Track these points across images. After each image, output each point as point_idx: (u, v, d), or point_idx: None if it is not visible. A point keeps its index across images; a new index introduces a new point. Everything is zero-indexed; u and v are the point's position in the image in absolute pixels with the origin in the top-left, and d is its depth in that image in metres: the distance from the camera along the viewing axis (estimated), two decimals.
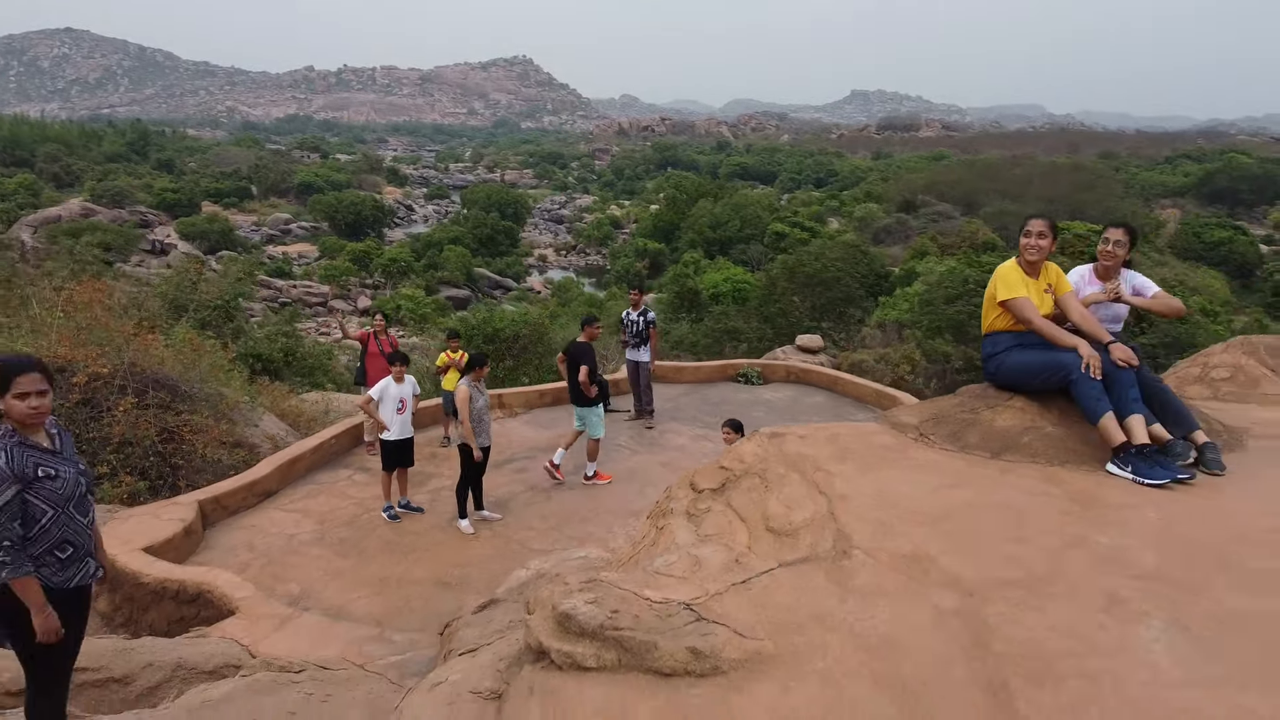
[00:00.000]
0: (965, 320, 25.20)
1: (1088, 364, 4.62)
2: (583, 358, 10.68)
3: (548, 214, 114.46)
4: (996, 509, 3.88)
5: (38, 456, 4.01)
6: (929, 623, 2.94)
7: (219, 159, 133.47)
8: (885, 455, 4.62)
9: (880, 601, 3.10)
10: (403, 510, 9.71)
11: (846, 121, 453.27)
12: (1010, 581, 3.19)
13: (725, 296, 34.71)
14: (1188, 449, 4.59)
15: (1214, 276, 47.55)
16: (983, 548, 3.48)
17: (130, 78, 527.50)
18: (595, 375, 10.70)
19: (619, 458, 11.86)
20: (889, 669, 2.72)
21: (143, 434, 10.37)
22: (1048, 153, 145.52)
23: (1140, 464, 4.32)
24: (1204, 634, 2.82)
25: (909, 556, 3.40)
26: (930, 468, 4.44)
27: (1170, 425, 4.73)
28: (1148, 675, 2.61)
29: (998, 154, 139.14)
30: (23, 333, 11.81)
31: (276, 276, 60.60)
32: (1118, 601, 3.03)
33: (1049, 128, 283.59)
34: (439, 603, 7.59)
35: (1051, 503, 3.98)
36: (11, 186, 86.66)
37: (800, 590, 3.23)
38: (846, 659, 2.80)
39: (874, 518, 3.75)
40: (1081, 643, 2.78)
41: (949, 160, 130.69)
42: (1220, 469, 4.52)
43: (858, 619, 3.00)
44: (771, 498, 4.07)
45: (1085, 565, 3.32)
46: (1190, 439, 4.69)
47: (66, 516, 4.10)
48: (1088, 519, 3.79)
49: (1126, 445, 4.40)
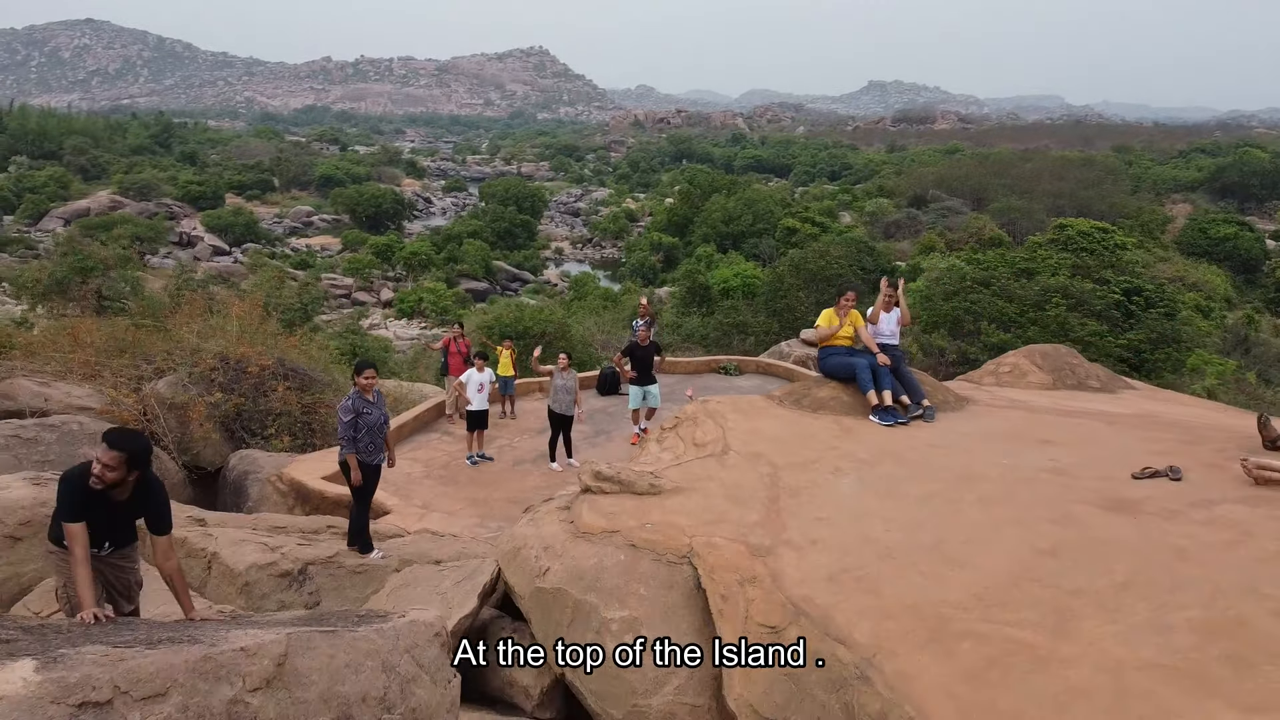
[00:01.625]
0: (961, 315, 26.51)
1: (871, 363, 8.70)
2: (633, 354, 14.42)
3: (564, 207, 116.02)
4: (803, 434, 8.07)
5: (363, 404, 8.54)
6: (755, 478, 6.91)
7: (240, 151, 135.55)
8: (758, 411, 8.71)
9: (736, 471, 7.11)
10: (480, 459, 13.55)
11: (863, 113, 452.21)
12: (795, 464, 7.25)
13: (735, 291, 36.16)
14: (916, 409, 8.56)
15: (1214, 272, 48.48)
16: (788, 450, 7.54)
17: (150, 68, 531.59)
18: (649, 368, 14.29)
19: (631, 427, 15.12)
20: (733, 493, 6.66)
21: (292, 407, 14.62)
22: (1062, 146, 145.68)
23: (882, 414, 8.42)
24: (870, 481, 6.83)
25: (754, 454, 7.45)
26: (778, 417, 8.60)
27: (909, 396, 8.69)
28: (840, 494, 6.59)
29: (1011, 148, 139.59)
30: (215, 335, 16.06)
31: (301, 269, 62.42)
32: (838, 470, 7.09)
33: (1065, 120, 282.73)
34: (514, 511, 10.85)
35: (831, 432, 8.15)
36: (41, 179, 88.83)
37: (702, 466, 7.27)
38: (715, 490, 6.75)
39: (742, 438, 7.79)
40: (814, 483, 6.80)
41: (962, 154, 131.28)
42: (931, 419, 8.52)
43: (724, 476, 7.00)
44: (697, 430, 8.06)
45: (832, 457, 7.40)
46: (920, 404, 8.64)
47: (373, 432, 8.61)
48: (844, 439, 7.93)
49: (877, 406, 8.47)
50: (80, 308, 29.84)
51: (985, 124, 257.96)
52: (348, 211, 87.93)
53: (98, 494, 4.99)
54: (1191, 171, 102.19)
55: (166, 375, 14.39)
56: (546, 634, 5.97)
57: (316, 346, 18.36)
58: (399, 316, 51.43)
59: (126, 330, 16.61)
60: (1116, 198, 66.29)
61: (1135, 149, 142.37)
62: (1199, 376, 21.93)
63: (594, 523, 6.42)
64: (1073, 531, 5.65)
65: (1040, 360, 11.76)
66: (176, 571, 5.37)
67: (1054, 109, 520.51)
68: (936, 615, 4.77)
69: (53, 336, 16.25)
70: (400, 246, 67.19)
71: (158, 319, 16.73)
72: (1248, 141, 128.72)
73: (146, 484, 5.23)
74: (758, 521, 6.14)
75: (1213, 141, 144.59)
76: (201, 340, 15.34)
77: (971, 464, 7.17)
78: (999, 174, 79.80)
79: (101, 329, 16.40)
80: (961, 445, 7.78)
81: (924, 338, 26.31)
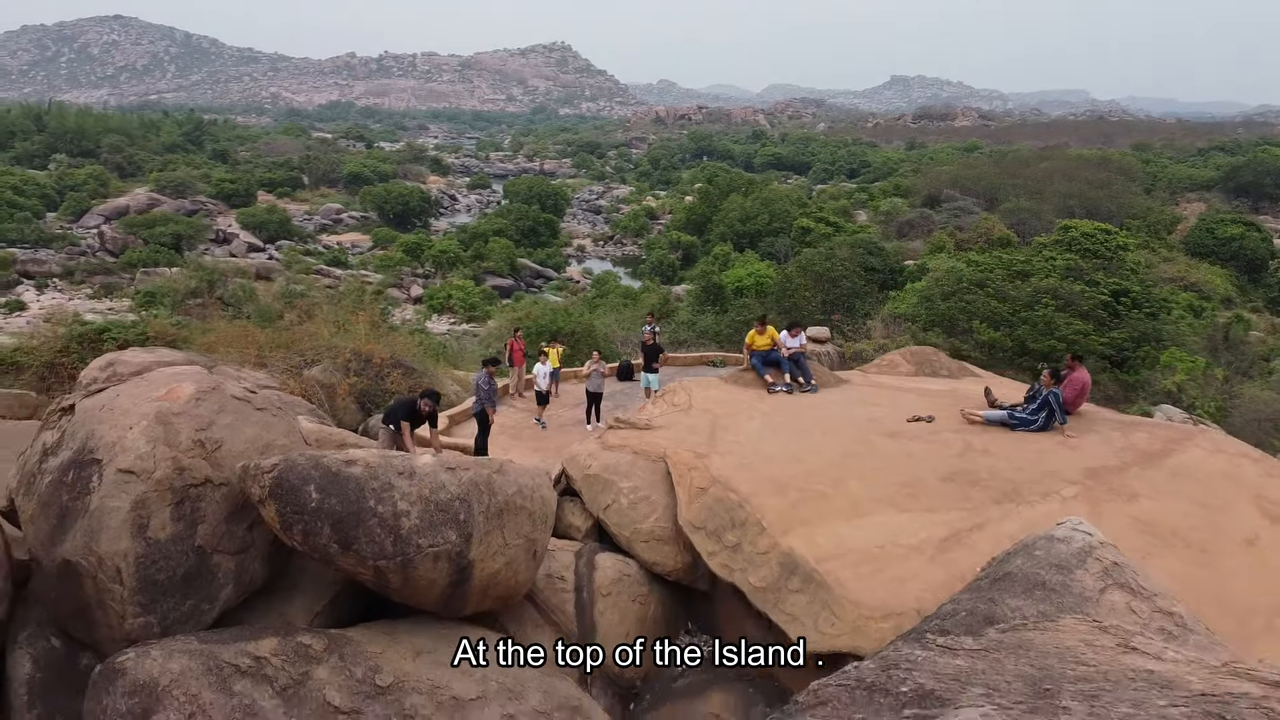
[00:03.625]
0: (955, 315, 28.40)
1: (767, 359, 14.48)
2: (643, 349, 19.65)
3: (586, 204, 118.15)
4: (734, 399, 13.36)
5: (488, 379, 15.30)
6: (703, 422, 12.17)
7: (268, 148, 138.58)
8: (711, 385, 14.11)
9: (693, 417, 12.40)
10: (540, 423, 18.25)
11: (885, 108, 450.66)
12: (726, 413, 12.54)
13: (748, 290, 38.15)
14: (806, 386, 13.98)
15: (1215, 273, 49.69)
16: (725, 406, 12.90)
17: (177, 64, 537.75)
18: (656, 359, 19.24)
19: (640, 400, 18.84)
20: (690, 429, 11.92)
21: (400, 388, 19.58)
22: (1081, 144, 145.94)
23: (772, 387, 13.85)
24: (766, 423, 12.16)
25: (704, 409, 12.71)
26: (722, 389, 13.93)
27: (803, 379, 14.08)
28: (748, 429, 11.90)
29: (1029, 145, 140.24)
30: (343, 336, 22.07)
31: (334, 266, 64.95)
32: (750, 417, 12.39)
33: (1088, 116, 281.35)
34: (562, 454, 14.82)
35: (751, 397, 13.48)
36: (81, 177, 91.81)
37: (675, 415, 12.56)
38: (680, 427, 12.06)
39: (699, 401, 13.07)
40: (735, 424, 12.12)
41: (980, 152, 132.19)
42: (815, 392, 13.85)
43: (686, 421, 12.29)
44: (674, 397, 13.30)
45: (748, 410, 12.72)
46: (810, 383, 14.01)
47: (493, 396, 15.40)
48: (758, 401, 13.24)
49: (770, 383, 13.91)
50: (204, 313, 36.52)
51: (1006, 120, 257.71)
52: (376, 209, 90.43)
53: (417, 413, 11.31)
54: (1208, 170, 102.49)
55: (315, 365, 20.02)
56: (589, 499, 11.02)
57: (415, 344, 25.50)
58: (430, 313, 53.79)
59: (282, 332, 23.65)
60: (1125, 198, 67.25)
61: (1155, 146, 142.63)
62: (1170, 372, 23.76)
63: (614, 442, 11.69)
64: (863, 447, 10.90)
65: (910, 357, 16.75)
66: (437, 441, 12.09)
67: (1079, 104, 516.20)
68: (780, 482, 9.90)
69: (229, 336, 22.05)
70: (429, 245, 69.57)
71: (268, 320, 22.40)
72: (1269, 140, 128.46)
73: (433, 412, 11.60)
74: (701, 442, 11.24)
75: (1233, 139, 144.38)
76: (337, 340, 21.75)
77: (825, 415, 12.37)
78: (1013, 174, 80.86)
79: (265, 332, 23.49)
80: (824, 405, 13.02)
81: (921, 335, 28.14)
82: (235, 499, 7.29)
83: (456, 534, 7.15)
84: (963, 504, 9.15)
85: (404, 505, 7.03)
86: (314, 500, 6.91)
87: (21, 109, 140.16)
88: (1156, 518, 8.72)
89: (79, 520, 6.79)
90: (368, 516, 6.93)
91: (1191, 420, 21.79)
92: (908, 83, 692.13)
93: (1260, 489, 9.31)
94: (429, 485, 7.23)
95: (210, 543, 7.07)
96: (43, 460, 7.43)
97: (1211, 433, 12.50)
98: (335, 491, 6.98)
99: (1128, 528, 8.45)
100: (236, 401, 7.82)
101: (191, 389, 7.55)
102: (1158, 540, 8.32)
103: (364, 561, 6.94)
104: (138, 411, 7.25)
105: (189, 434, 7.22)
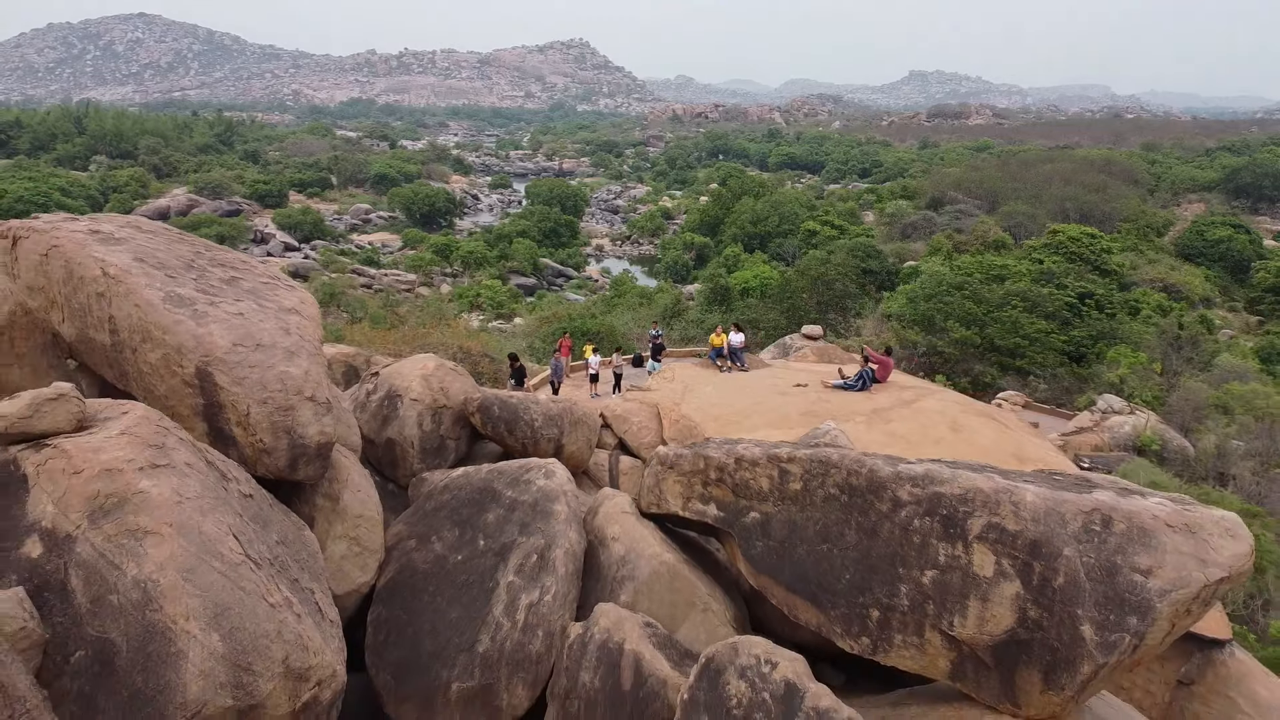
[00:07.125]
0: (934, 315, 31.81)
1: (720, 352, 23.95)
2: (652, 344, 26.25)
3: (604, 204, 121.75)
4: (700, 375, 22.94)
5: (558, 361, 23.78)
6: (680, 388, 21.27)
7: (296, 148, 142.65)
8: (689, 368, 24.03)
9: (675, 386, 21.38)
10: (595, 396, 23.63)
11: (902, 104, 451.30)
12: (694, 383, 21.82)
13: (754, 291, 41.69)
14: (741, 368, 23.29)
15: (1195, 274, 52.58)
16: (693, 380, 22.12)
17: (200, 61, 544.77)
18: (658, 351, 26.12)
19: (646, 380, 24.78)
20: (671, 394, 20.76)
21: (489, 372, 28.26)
22: (1093, 143, 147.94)
23: (724, 370, 23.22)
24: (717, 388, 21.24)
25: (682, 381, 22.00)
26: (695, 370, 23.61)
27: (739, 364, 23.38)
28: (705, 392, 20.94)
29: (1040, 144, 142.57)
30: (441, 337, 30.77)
31: (368, 265, 68.91)
32: (707, 385, 21.73)
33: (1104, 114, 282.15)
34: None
35: (710, 374, 23.20)
36: (123, 179, 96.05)
37: (669, 386, 21.76)
38: (667, 391, 21.08)
39: (680, 377, 22.46)
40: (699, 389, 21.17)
41: (990, 151, 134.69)
42: (746, 371, 23.07)
43: (671, 388, 21.32)
44: (665, 374, 23.11)
45: (706, 381, 22.09)
46: (744, 367, 23.34)
47: (561, 372, 23.35)
48: (712, 377, 22.62)
49: (720, 366, 23.43)
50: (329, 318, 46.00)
51: (1020, 118, 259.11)
52: (403, 209, 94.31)
53: (525, 376, 21.58)
54: (1213, 171, 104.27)
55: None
56: (616, 427, 18.48)
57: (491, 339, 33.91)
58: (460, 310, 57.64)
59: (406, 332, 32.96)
60: (1120, 201, 69.85)
61: (1164, 146, 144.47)
62: (1115, 366, 27.17)
63: (630, 399, 19.84)
64: (764, 399, 19.66)
65: (818, 350, 27.67)
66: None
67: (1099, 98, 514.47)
68: (716, 416, 18.65)
69: (373, 337, 31.26)
70: (457, 245, 73.38)
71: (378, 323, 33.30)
72: (1277, 140, 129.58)
73: (522, 368, 21.94)
74: (678, 399, 19.66)
75: (1241, 139, 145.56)
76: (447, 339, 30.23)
77: (748, 383, 21.05)
78: (1015, 176, 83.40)
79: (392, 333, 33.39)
80: (750, 378, 21.67)
81: (903, 333, 31.58)
82: (457, 413, 14.70)
83: (558, 430, 14.87)
84: (807, 424, 16.84)
85: (536, 415, 14.64)
86: (496, 413, 14.45)
87: (60, 110, 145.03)
88: (898, 431, 17.43)
89: (393, 423, 14.09)
90: (520, 420, 14.46)
91: (1129, 408, 25.35)
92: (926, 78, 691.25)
93: (954, 417, 18.24)
94: (545, 408, 14.91)
95: (447, 433, 14.57)
96: (368, 397, 14.73)
97: (943, 391, 22.13)
98: (505, 409, 14.49)
99: (882, 433, 17.27)
100: (450, 370, 15.25)
101: (433, 365, 15.01)
102: (894, 438, 16.79)
103: (518, 441, 14.37)
104: (413, 374, 14.61)
105: (436, 383, 14.58)
